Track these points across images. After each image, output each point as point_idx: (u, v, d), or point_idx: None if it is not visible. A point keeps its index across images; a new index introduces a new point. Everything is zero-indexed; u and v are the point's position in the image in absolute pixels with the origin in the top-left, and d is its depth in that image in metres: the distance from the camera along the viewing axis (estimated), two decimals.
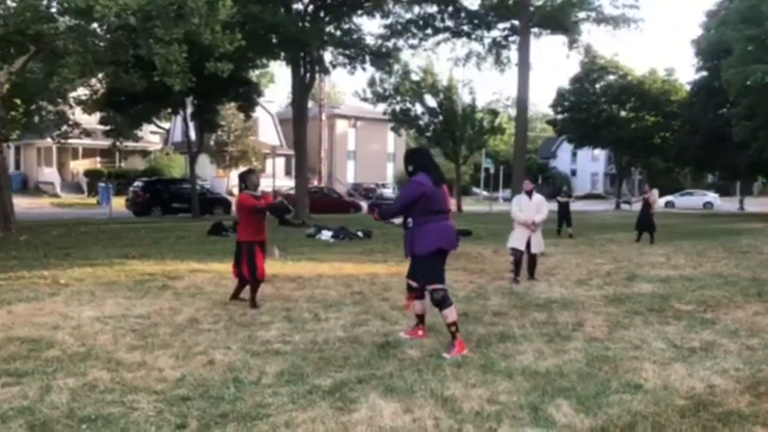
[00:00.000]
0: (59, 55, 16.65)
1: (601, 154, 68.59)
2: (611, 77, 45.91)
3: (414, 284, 6.10)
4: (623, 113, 46.51)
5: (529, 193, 10.25)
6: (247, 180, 8.16)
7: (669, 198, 49.24)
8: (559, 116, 47.82)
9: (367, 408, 4.34)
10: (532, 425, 4.10)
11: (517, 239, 10.14)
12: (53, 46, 16.51)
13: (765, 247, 15.69)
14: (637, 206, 19.24)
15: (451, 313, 5.82)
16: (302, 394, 4.62)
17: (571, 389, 4.76)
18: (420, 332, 6.31)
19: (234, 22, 16.56)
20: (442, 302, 5.82)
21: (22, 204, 27.15)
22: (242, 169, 50.07)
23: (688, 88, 42.68)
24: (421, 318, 6.33)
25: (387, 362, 5.44)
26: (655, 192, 19.58)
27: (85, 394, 4.58)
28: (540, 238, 10.27)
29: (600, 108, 45.81)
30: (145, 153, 48.02)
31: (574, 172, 75.30)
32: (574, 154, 71.69)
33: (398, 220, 6.57)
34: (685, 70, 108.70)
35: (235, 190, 47.57)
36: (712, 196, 50.36)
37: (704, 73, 38.39)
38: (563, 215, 19.20)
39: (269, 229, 8.53)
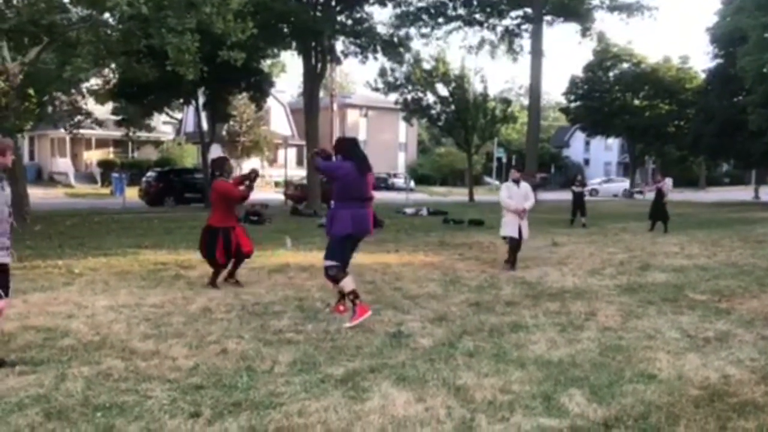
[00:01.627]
0: (72, 45, 16.71)
1: (614, 143, 68.03)
2: (625, 65, 45.51)
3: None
4: (637, 101, 46.12)
5: (517, 182, 10.54)
6: (224, 167, 8.35)
7: (594, 185, 48.88)
8: (572, 105, 47.47)
9: (380, 397, 4.35)
10: (544, 415, 4.09)
11: (510, 227, 10.39)
12: (66, 37, 16.57)
13: None
14: (650, 195, 19.08)
15: (346, 284, 6.33)
16: (315, 383, 4.63)
17: (584, 379, 4.75)
18: (341, 308, 6.71)
19: (246, 11, 16.54)
20: (335, 277, 6.37)
21: (36, 194, 27.33)
22: (254, 159, 50.18)
23: (702, 76, 42.23)
24: (342, 294, 6.62)
25: (399, 351, 5.44)
26: (669, 181, 19.41)
27: (100, 382, 4.62)
28: (527, 224, 10.55)
29: (613, 96, 45.46)
30: (157, 143, 48.22)
31: (587, 161, 74.81)
32: (587, 143, 71.17)
33: (410, 210, 6.80)
34: (699, 58, 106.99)
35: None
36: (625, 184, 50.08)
37: (719, 61, 37.95)
38: (577, 205, 19.07)
39: (284, 220, 8.62)
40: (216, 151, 40.99)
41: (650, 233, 16.66)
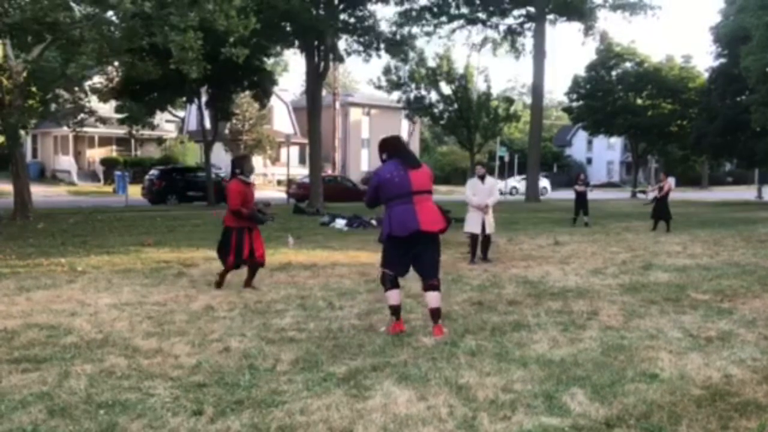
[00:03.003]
0: (75, 43, 16.74)
1: (617, 142, 68.00)
2: (627, 64, 45.47)
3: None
4: (639, 101, 46.09)
5: (482, 178, 10.84)
6: (243, 165, 7.95)
7: (514, 183, 48.47)
8: (575, 104, 47.44)
9: (382, 395, 4.35)
10: (546, 414, 4.09)
11: (472, 223, 10.75)
12: (70, 35, 16.59)
13: None
14: (653, 195, 18.98)
15: (388, 297, 6.03)
16: (317, 381, 4.64)
17: (586, 378, 4.75)
18: (442, 329, 6.03)
19: (248, 10, 16.57)
20: (382, 284, 6.11)
21: (39, 192, 27.40)
22: (257, 157, 50.16)
23: (705, 75, 42.17)
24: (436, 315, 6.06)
25: (401, 350, 5.44)
26: (671, 180, 19.35)
27: (103, 380, 4.63)
28: (492, 219, 10.84)
29: (616, 95, 45.43)
30: (160, 141, 48.27)
31: (589, 161, 74.80)
32: (590, 142, 71.17)
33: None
34: (702, 57, 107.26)
35: (251, 179, 47.90)
36: (545, 182, 48.48)
37: (722, 60, 37.89)
38: (580, 204, 18.99)
39: (286, 218, 8.50)
40: (218, 150, 41.12)
41: (653, 232, 16.65)
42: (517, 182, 49.19)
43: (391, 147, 6.28)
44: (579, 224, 18.46)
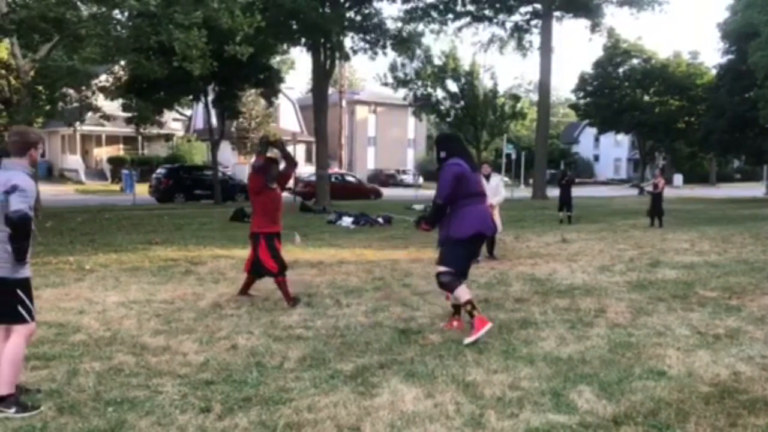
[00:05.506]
0: (82, 41, 16.81)
1: (624, 139, 67.75)
2: (635, 61, 45.27)
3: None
4: (647, 97, 45.88)
5: (488, 177, 10.71)
6: (267, 172, 7.15)
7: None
8: (582, 101, 47.29)
9: (389, 393, 4.36)
10: (554, 411, 4.09)
11: None
12: (76, 34, 16.65)
13: None
14: (648, 189, 18.69)
15: (461, 293, 5.66)
16: (324, 378, 4.65)
17: (594, 375, 4.74)
18: (455, 323, 6.05)
19: (254, 8, 16.59)
20: (448, 285, 5.71)
21: (47, 191, 27.51)
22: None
23: (713, 71, 41.97)
24: (456, 308, 6.03)
25: (408, 347, 5.45)
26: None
27: (111, 377, 4.66)
28: (498, 218, 10.69)
29: (623, 92, 45.24)
30: (167, 140, 48.39)
31: (596, 158, 74.55)
32: (597, 140, 70.87)
33: (419, 207, 6.28)
34: (710, 54, 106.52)
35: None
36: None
37: (730, 56, 37.70)
38: (563, 200, 18.52)
39: (293, 216, 8.32)
40: (225, 148, 41.18)
41: (660, 230, 16.58)
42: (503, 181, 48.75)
43: (454, 145, 6.00)
44: (563, 221, 18.10)
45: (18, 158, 4.13)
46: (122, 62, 22.70)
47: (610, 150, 73.30)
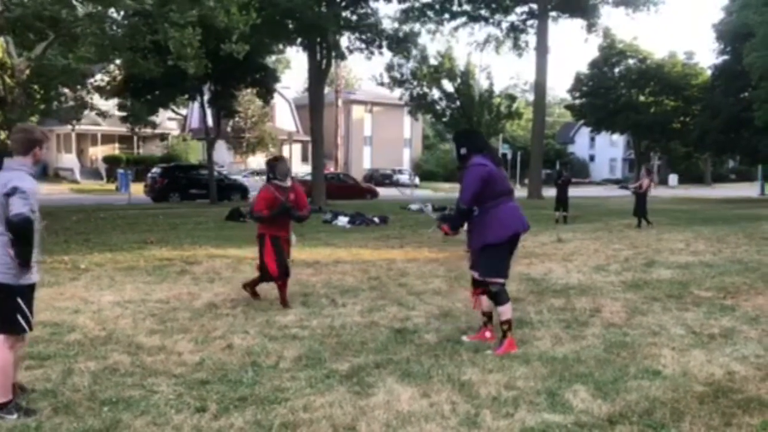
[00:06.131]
0: (77, 40, 16.76)
1: (619, 139, 67.87)
2: (630, 61, 45.42)
3: (479, 276, 5.58)
4: (642, 98, 46.03)
5: None
6: (276, 169, 7.12)
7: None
8: (578, 101, 47.38)
9: (385, 392, 4.36)
10: (549, 411, 4.09)
11: None
12: (72, 33, 16.61)
13: None
14: (632, 189, 18.62)
15: (506, 311, 5.35)
16: (320, 378, 4.65)
17: (589, 375, 4.75)
18: (488, 333, 5.67)
19: (250, 6, 16.57)
20: (498, 297, 5.37)
21: (42, 190, 27.28)
22: (261, 155, 50.15)
23: (708, 72, 42.09)
24: (488, 316, 5.72)
25: (404, 347, 5.45)
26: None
27: (106, 377, 4.65)
28: None
29: (618, 92, 45.37)
30: (162, 139, 48.31)
31: (592, 158, 74.67)
32: (593, 140, 71.00)
33: (414, 206, 6.02)
34: (705, 54, 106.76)
35: (248, 178, 47.94)
36: None
37: (725, 57, 37.79)
38: (560, 200, 18.52)
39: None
40: (221, 148, 41.14)
41: (654, 230, 16.61)
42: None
43: (475, 140, 5.72)
44: (559, 220, 18.09)
45: (21, 157, 3.95)
46: (118, 61, 22.64)
47: (606, 150, 73.42)
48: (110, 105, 27.62)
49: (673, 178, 57.59)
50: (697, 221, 19.48)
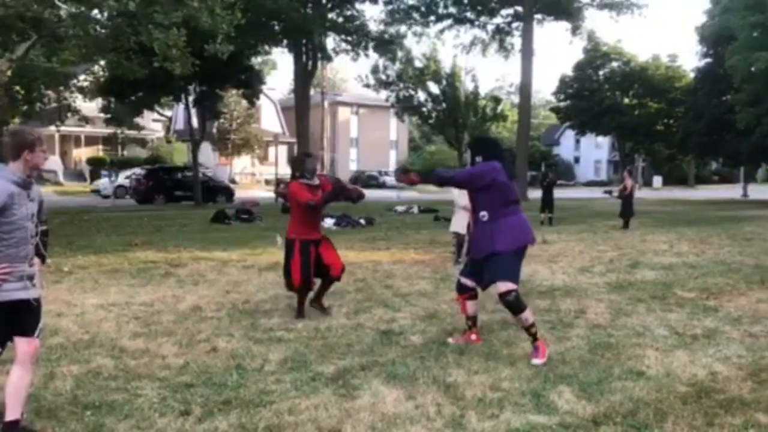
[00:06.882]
0: (60, 41, 16.62)
1: (604, 141, 68.38)
2: (614, 64, 45.81)
3: (470, 284, 5.52)
4: (626, 100, 46.42)
5: None
6: (305, 166, 6.67)
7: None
8: (562, 103, 47.67)
9: (370, 394, 4.36)
10: (534, 412, 4.11)
11: (458, 223, 10.63)
12: (55, 34, 16.47)
13: None
14: (616, 193, 18.75)
15: (528, 317, 5.22)
16: (305, 381, 4.63)
17: (574, 376, 4.77)
18: (473, 336, 5.65)
19: (236, 7, 16.52)
20: (516, 305, 5.20)
21: None
22: (245, 156, 49.92)
23: (691, 74, 42.50)
24: (473, 320, 5.72)
25: (389, 349, 5.45)
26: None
27: (89, 381, 4.61)
28: None
29: (603, 95, 45.70)
30: (147, 141, 48.00)
31: (577, 159, 75.11)
32: (578, 141, 71.45)
33: (401, 208, 5.75)
34: (688, 57, 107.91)
35: (238, 178, 47.79)
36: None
37: (708, 60, 38.18)
38: (545, 201, 18.59)
39: (275, 218, 8.17)
40: (206, 149, 40.89)
41: (639, 231, 16.72)
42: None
43: (492, 149, 5.59)
44: (544, 222, 18.16)
45: (12, 163, 3.69)
46: (102, 62, 22.48)
47: (591, 152, 73.89)
48: (94, 107, 27.43)
49: (657, 180, 58.07)
50: (681, 222, 19.65)
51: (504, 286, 5.17)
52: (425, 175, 5.83)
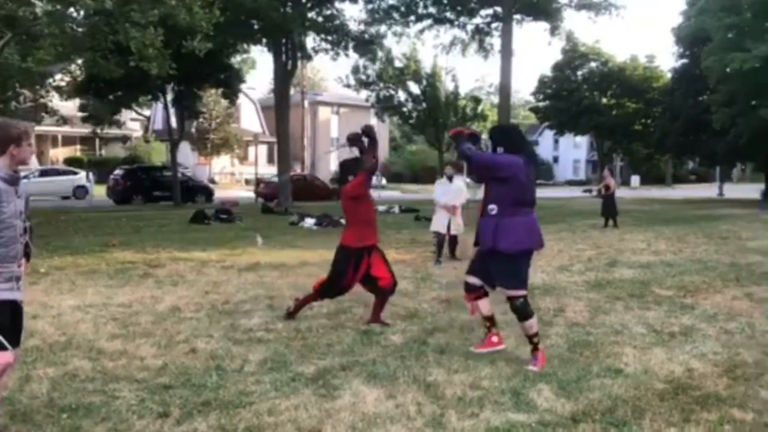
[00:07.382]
0: (36, 39, 16.39)
1: (582, 140, 68.95)
2: (593, 64, 46.22)
3: (477, 282, 5.31)
4: (604, 100, 46.85)
5: (450, 178, 10.91)
6: (356, 168, 6.60)
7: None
8: (541, 103, 48.00)
9: (351, 394, 4.35)
10: (513, 410, 4.13)
11: (439, 223, 10.79)
12: (30, 32, 16.23)
13: (743, 233, 15.88)
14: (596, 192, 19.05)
15: (533, 324, 5.07)
16: (285, 381, 4.62)
17: (553, 374, 4.80)
18: (495, 339, 5.37)
19: (214, 6, 16.38)
20: (523, 311, 5.03)
21: None
22: (224, 156, 49.47)
23: (668, 75, 42.98)
24: (491, 320, 5.40)
25: (370, 349, 5.45)
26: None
27: (66, 383, 4.55)
28: (460, 220, 10.85)
29: (581, 95, 46.07)
30: (125, 140, 47.50)
31: (556, 159, 75.65)
32: (557, 141, 71.98)
33: (382, 208, 5.58)
34: (665, 58, 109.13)
35: (218, 178, 47.46)
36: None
37: (684, 61, 38.62)
38: None
39: (255, 218, 8.14)
40: (185, 149, 40.57)
41: (618, 230, 16.88)
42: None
43: (513, 138, 5.18)
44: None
45: None
46: (78, 61, 22.19)
47: (569, 151, 74.47)
48: (71, 106, 27.09)
49: (635, 179, 58.62)
50: (659, 221, 19.87)
51: (512, 292, 5.04)
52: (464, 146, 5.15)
